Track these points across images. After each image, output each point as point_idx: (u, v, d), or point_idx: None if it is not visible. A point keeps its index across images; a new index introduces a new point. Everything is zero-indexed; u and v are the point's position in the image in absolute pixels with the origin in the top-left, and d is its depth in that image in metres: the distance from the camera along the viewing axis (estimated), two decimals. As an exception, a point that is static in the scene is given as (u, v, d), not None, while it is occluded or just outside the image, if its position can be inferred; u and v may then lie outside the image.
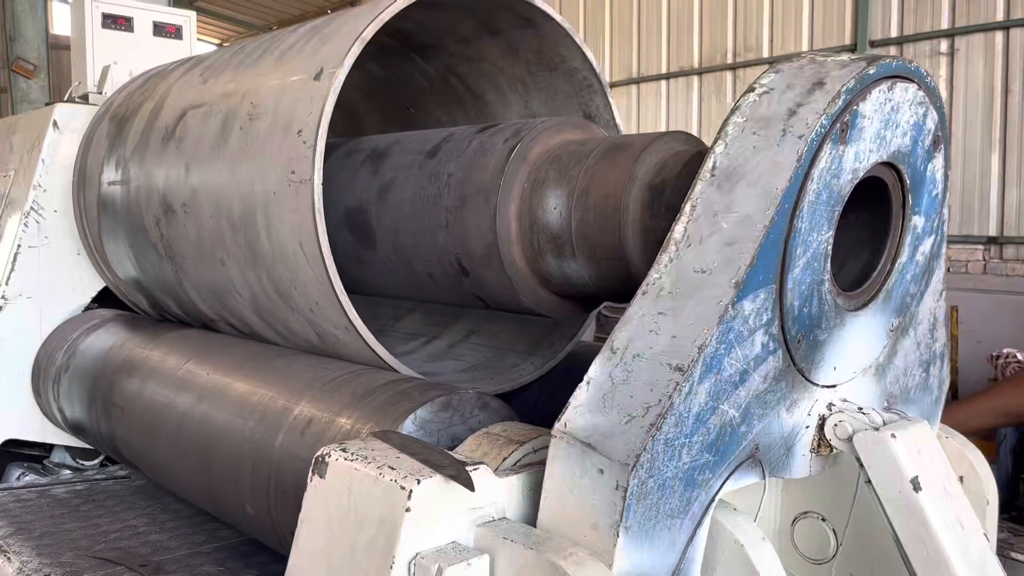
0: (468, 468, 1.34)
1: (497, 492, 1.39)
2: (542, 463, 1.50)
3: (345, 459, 1.42)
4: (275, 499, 1.84)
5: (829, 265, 1.45)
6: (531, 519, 1.44)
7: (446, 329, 2.73)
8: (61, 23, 17.82)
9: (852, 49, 10.59)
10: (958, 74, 9.69)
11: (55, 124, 3.16)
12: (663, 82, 12.84)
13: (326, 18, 2.28)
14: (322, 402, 1.90)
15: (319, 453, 1.46)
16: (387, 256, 2.21)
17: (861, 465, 1.51)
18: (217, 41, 23.25)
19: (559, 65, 2.46)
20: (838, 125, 1.37)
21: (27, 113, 3.71)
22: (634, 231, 1.71)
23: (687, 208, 1.41)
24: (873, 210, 1.58)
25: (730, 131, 1.42)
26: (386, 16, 2.01)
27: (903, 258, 1.61)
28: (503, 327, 2.58)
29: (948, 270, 9.00)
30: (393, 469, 1.35)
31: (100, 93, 3.49)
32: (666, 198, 1.68)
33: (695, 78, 12.40)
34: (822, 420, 1.54)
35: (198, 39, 4.19)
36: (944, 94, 9.83)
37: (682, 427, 1.30)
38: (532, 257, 1.92)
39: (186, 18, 4.00)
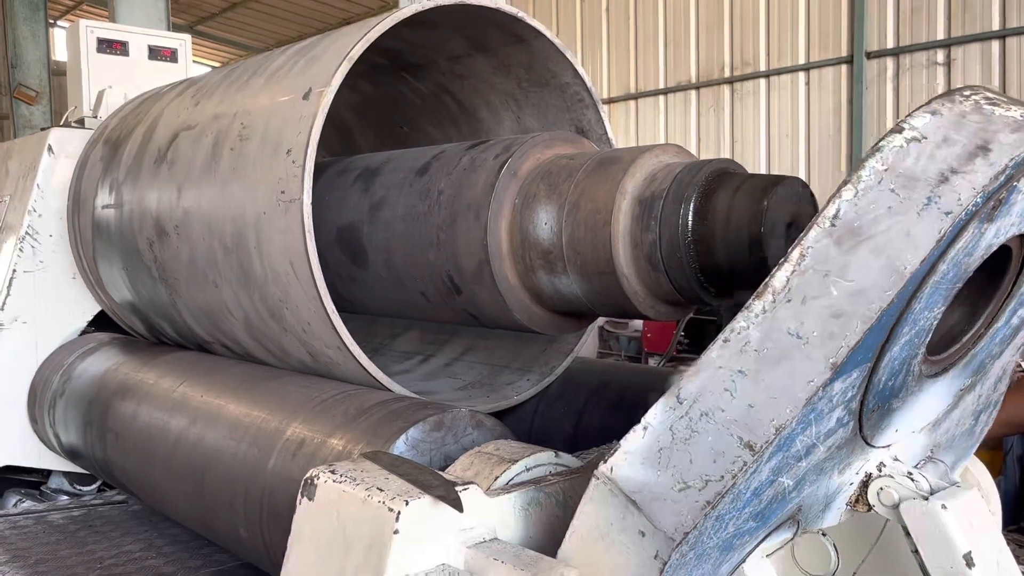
0: (458, 488, 1.32)
1: (488, 512, 1.37)
2: (535, 482, 1.49)
3: (334, 481, 1.40)
4: (268, 522, 1.82)
5: (928, 339, 1.31)
6: (523, 539, 1.42)
7: (442, 348, 2.72)
8: (63, 49, 17.96)
9: (849, 61, 10.62)
10: (955, 84, 9.70)
11: (50, 149, 3.16)
12: (661, 97, 12.89)
13: (314, 39, 2.28)
14: (314, 423, 1.88)
15: (308, 475, 1.44)
16: (380, 274, 2.20)
17: (907, 534, 1.41)
18: (216, 64, 23.40)
19: (550, 80, 2.46)
20: (992, 202, 1.16)
21: (23, 138, 3.71)
22: (624, 244, 1.70)
23: (795, 255, 1.18)
24: (985, 271, 1.39)
25: (864, 177, 1.16)
26: (373, 35, 2.01)
27: (999, 323, 1.45)
28: (499, 344, 2.57)
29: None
30: (381, 490, 1.33)
31: (95, 117, 3.50)
32: (656, 211, 1.67)
33: (692, 92, 12.45)
34: (867, 478, 1.44)
35: (199, 63, 4.22)
36: (942, 104, 9.84)
37: (737, 503, 1.19)
38: (524, 273, 1.91)
39: (181, 42, 4.01)
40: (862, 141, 10.54)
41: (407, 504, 1.28)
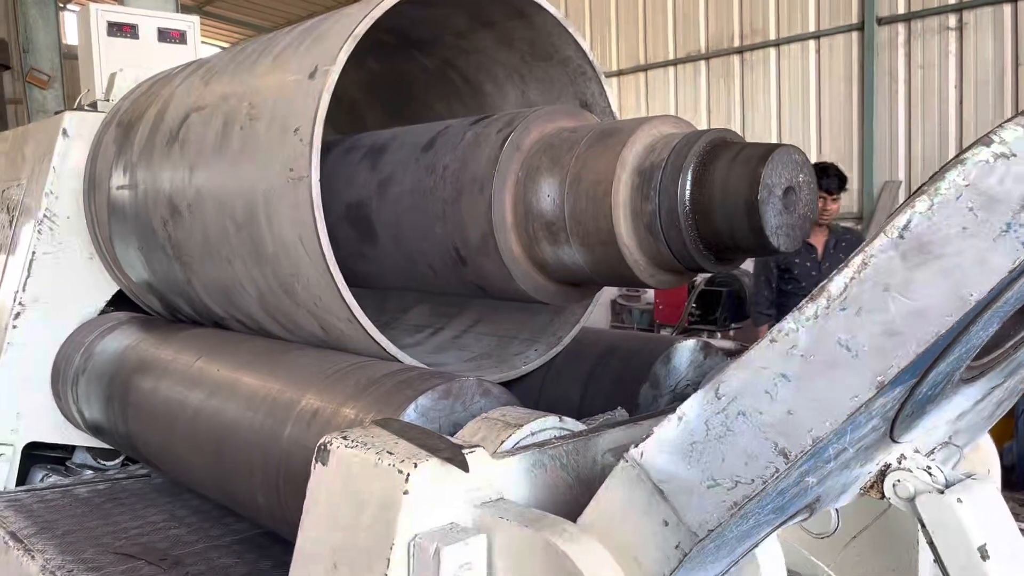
0: (464, 451, 1.38)
1: (494, 474, 1.43)
2: (539, 445, 1.54)
3: (346, 446, 1.46)
4: (284, 488, 1.89)
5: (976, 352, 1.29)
6: (529, 499, 1.47)
7: (451, 320, 2.77)
8: (74, 33, 18.00)
9: (860, 28, 10.53)
10: (967, 49, 9.61)
11: (64, 132, 3.21)
12: (671, 68, 12.82)
13: (320, 17, 2.32)
14: (327, 393, 1.94)
15: (321, 441, 1.50)
16: (388, 249, 2.25)
17: (923, 526, 1.43)
18: (226, 44, 23.40)
19: (553, 55, 2.49)
20: None
21: (38, 122, 3.77)
22: (625, 214, 1.74)
23: (856, 261, 1.11)
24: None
25: (943, 190, 1.06)
26: (377, 13, 2.05)
27: None
28: (507, 316, 2.62)
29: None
30: (391, 454, 1.39)
31: (107, 100, 3.55)
32: (655, 181, 1.71)
33: (703, 63, 12.37)
34: (885, 468, 1.45)
35: (208, 43, 4.26)
36: (953, 70, 9.76)
37: (763, 502, 1.20)
38: (528, 244, 1.95)
39: (190, 23, 4.05)
40: (873, 108, 10.46)
41: (416, 466, 1.34)
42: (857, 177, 10.80)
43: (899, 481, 1.43)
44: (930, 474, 1.42)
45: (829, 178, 5.72)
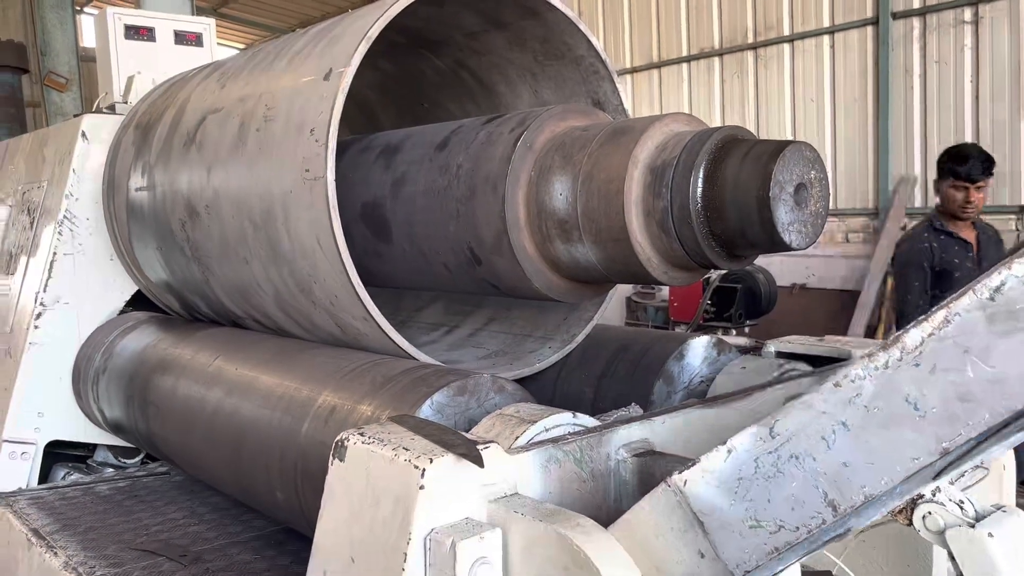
0: (479, 447, 1.39)
1: (508, 469, 1.44)
2: (554, 441, 1.56)
3: (363, 442, 1.48)
4: (302, 484, 1.91)
5: None
6: (543, 494, 1.49)
7: (466, 318, 2.79)
8: (91, 36, 18.15)
9: (875, 23, 10.47)
10: (983, 43, 9.53)
11: (84, 135, 3.26)
12: (684, 65, 12.78)
13: (335, 19, 2.34)
14: (344, 391, 1.96)
15: (339, 437, 1.52)
16: (403, 248, 2.28)
17: (952, 559, 1.39)
18: (241, 46, 23.53)
19: (565, 53, 2.50)
20: None
21: (57, 125, 3.82)
22: (637, 212, 1.76)
23: (938, 317, 1.05)
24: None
25: None
26: (390, 15, 2.07)
27: None
28: (521, 314, 2.64)
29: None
30: (407, 450, 1.41)
31: (125, 103, 3.59)
32: (667, 178, 1.72)
33: (716, 59, 12.33)
34: (917, 497, 1.40)
35: (223, 45, 4.29)
36: (969, 65, 9.69)
37: (802, 544, 1.16)
38: (541, 242, 1.97)
39: (206, 26, 4.09)
40: (888, 104, 10.40)
41: (431, 462, 1.36)
42: (872, 172, 10.74)
43: (929, 513, 1.40)
44: (961, 508, 1.39)
45: (968, 163, 4.80)
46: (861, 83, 10.75)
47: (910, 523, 1.43)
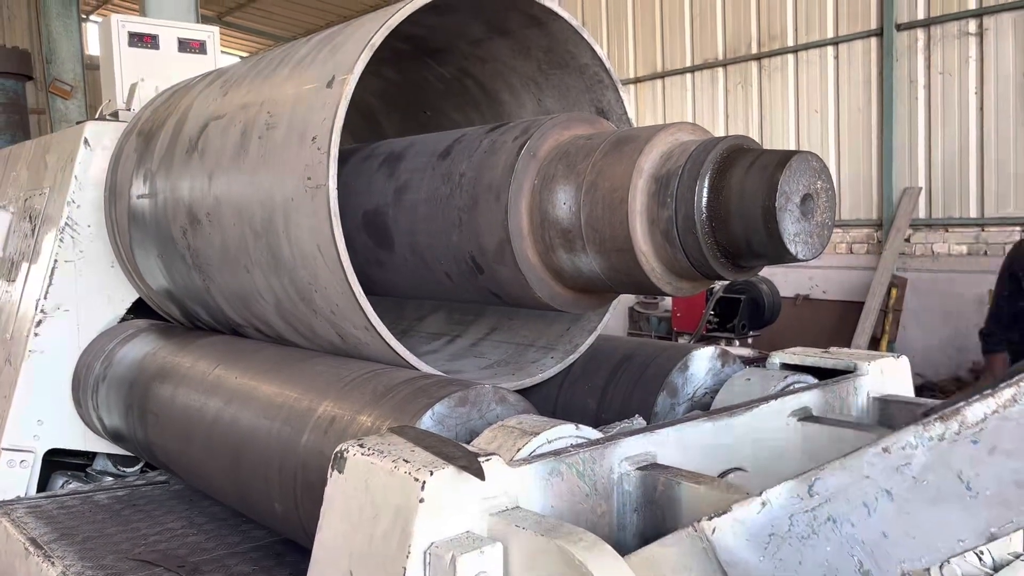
0: (480, 459, 1.37)
1: (510, 482, 1.42)
2: (556, 453, 1.54)
3: (362, 454, 1.46)
4: (302, 495, 1.89)
5: None
6: (545, 507, 1.47)
7: (468, 328, 2.78)
8: (96, 44, 18.22)
9: (879, 34, 10.47)
10: (988, 55, 9.53)
11: (86, 141, 3.25)
12: (688, 75, 12.79)
13: (338, 27, 2.33)
14: (344, 401, 1.94)
15: (338, 449, 1.50)
16: (405, 257, 2.26)
17: None
18: (245, 54, 23.61)
19: (569, 62, 2.49)
20: None
21: (60, 132, 3.82)
22: (641, 222, 1.74)
23: (1005, 395, 0.99)
24: None
25: None
26: (394, 23, 2.06)
27: None
28: (524, 324, 2.62)
29: (986, 253, 8.86)
30: (407, 462, 1.39)
31: (128, 110, 3.59)
32: (671, 188, 1.70)
33: (720, 70, 12.34)
34: None
35: (227, 53, 4.30)
36: (974, 76, 9.68)
37: None
38: (544, 252, 1.95)
39: (209, 33, 4.09)
40: (893, 115, 10.39)
41: (432, 474, 1.34)
42: (876, 184, 10.73)
43: (947, 562, 1.33)
44: (980, 558, 1.35)
45: None
46: (865, 94, 10.74)
47: (927, 572, 1.40)
